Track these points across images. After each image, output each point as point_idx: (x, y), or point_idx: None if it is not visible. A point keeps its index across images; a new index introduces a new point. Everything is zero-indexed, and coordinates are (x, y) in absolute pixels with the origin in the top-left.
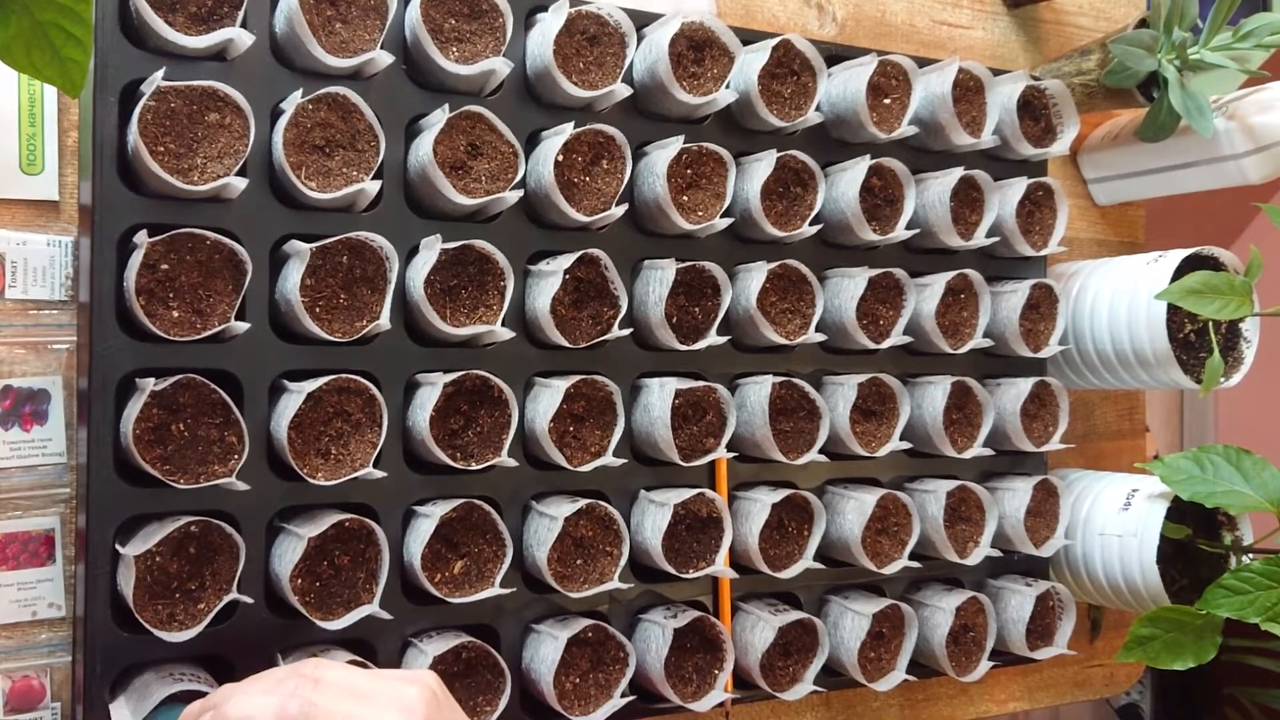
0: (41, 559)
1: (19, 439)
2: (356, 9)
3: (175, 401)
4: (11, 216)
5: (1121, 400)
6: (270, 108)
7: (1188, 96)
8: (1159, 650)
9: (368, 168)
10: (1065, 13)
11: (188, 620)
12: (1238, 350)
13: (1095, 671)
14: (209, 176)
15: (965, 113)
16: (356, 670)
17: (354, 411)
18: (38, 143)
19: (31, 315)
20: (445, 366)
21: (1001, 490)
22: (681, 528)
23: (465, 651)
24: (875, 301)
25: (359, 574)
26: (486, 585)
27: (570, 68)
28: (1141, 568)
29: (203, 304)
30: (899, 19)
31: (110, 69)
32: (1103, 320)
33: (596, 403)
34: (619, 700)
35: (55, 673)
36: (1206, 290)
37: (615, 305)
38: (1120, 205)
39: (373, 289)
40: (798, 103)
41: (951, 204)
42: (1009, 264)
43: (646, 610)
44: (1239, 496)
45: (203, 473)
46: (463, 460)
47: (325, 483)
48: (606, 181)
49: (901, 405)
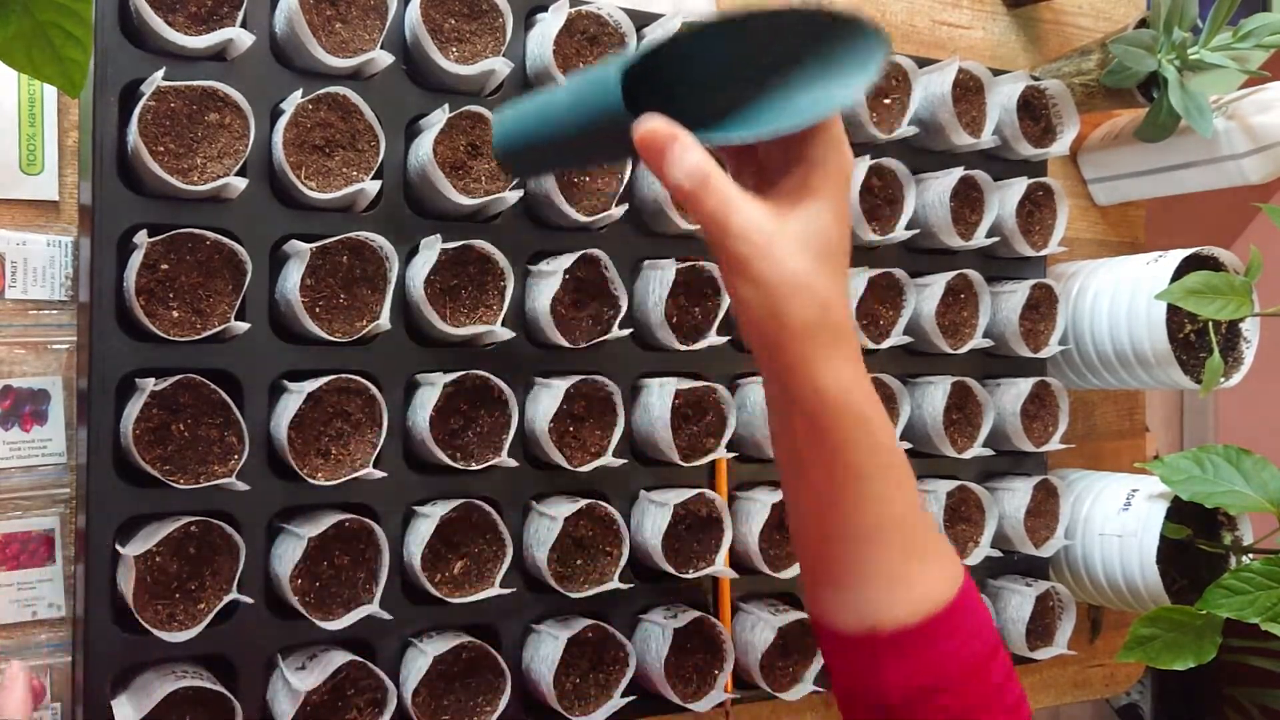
0: (41, 559)
1: (19, 439)
2: (356, 9)
3: (175, 401)
4: (11, 216)
5: (1121, 400)
6: (270, 108)
7: (1188, 96)
8: (1159, 650)
9: (368, 168)
10: (1065, 13)
11: (188, 620)
12: (1238, 350)
13: (1095, 671)
14: (209, 176)
15: (965, 113)
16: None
17: (354, 411)
18: (38, 143)
19: (31, 315)
20: (445, 366)
21: (1001, 490)
22: (681, 528)
23: (465, 651)
24: (875, 301)
25: (359, 574)
26: (486, 585)
27: (570, 68)
28: (1141, 568)
29: (203, 304)
30: (899, 19)
31: (110, 69)
32: (1103, 320)
33: (596, 403)
34: (619, 700)
35: (55, 673)
36: (1206, 290)
37: (615, 305)
38: (1120, 205)
39: (373, 289)
40: None
41: (951, 204)
42: (1009, 264)
43: (646, 610)
44: (1239, 496)
45: (203, 473)
46: (463, 460)
47: (325, 483)
48: (606, 182)
49: (901, 405)
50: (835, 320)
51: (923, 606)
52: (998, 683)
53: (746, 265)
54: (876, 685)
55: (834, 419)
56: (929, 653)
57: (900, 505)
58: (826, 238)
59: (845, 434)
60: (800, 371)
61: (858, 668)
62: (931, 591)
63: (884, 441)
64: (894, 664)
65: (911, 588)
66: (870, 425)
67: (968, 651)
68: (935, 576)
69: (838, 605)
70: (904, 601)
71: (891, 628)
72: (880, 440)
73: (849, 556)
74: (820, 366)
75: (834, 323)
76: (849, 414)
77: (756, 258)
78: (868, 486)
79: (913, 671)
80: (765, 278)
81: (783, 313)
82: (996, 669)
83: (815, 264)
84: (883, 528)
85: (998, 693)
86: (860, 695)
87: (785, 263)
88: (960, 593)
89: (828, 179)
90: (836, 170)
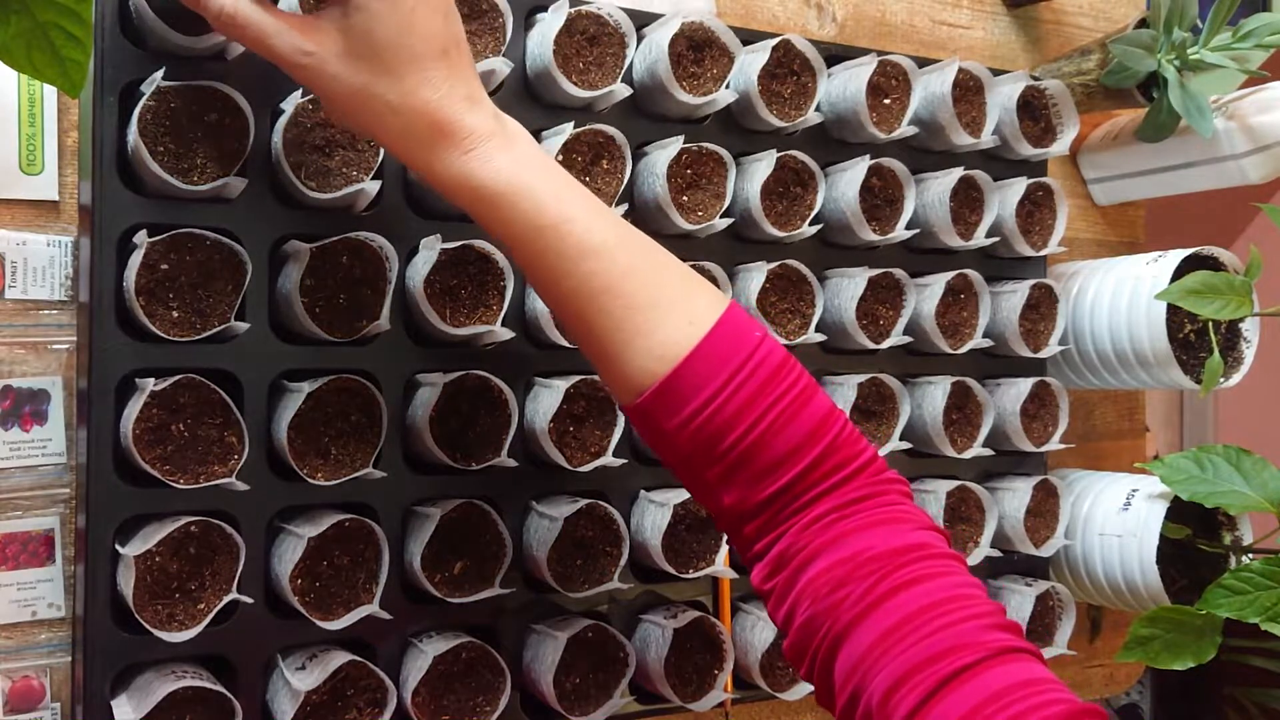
0: (41, 559)
1: (19, 439)
2: None
3: (175, 401)
4: (11, 216)
5: (1121, 400)
6: (270, 108)
7: (1188, 96)
8: (1159, 650)
9: (367, 168)
10: (1065, 13)
11: (187, 620)
12: (1238, 350)
13: (1095, 671)
14: (209, 176)
15: (965, 113)
16: None
17: (354, 411)
18: (37, 143)
19: (31, 315)
20: (445, 366)
21: (1001, 490)
22: (681, 528)
23: (465, 651)
24: (875, 301)
25: (359, 574)
26: (486, 585)
27: (570, 68)
28: (1141, 568)
29: (203, 304)
30: (899, 19)
31: (110, 69)
32: (1103, 320)
33: (596, 403)
34: (619, 700)
35: (55, 673)
36: (1206, 290)
37: None
38: (1120, 205)
39: (373, 289)
40: (798, 103)
41: (951, 204)
42: (1009, 264)
43: (646, 610)
44: (1239, 496)
45: (203, 473)
46: (463, 460)
47: (325, 483)
48: (606, 181)
49: (901, 405)
50: (436, 119)
51: (671, 352)
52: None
53: (315, 88)
54: (668, 445)
55: (485, 210)
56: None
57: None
58: (372, 40)
59: (505, 219)
60: (434, 179)
61: (651, 438)
62: (675, 335)
63: (557, 211)
64: (665, 418)
65: (651, 337)
66: (525, 202)
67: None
68: (677, 320)
69: (611, 384)
70: (647, 354)
71: (651, 384)
72: (548, 213)
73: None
74: (439, 169)
75: (435, 122)
76: (487, 202)
77: (313, 80)
78: (557, 263)
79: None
80: (331, 99)
81: (372, 128)
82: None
83: (373, 72)
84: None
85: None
86: (667, 459)
87: (340, 80)
88: (717, 323)
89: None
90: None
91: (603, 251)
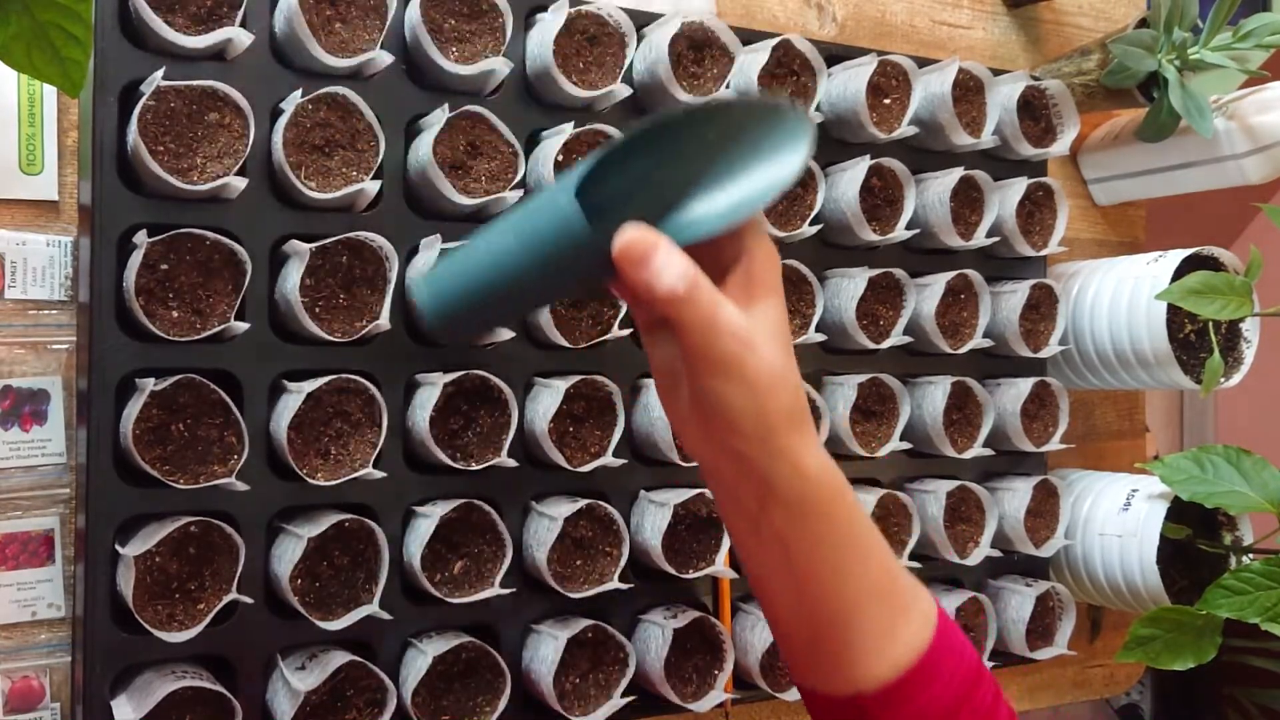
0: (41, 559)
1: (19, 439)
2: (356, 9)
3: (175, 401)
4: (11, 216)
5: (1121, 400)
6: (270, 108)
7: (1188, 96)
8: (1159, 650)
9: (367, 168)
10: (1065, 13)
11: (187, 620)
12: (1238, 350)
13: (1095, 671)
14: (209, 176)
15: (965, 113)
16: None
17: (354, 411)
18: (37, 143)
19: (31, 315)
20: (445, 366)
21: (1001, 490)
22: (681, 528)
23: (465, 651)
24: (875, 301)
25: (359, 574)
26: (486, 585)
27: (570, 68)
28: (1141, 568)
29: (202, 304)
30: (899, 19)
31: (110, 69)
32: (1103, 320)
33: (596, 403)
34: (619, 700)
35: (55, 673)
36: (1206, 290)
37: (615, 305)
38: (1120, 205)
39: (373, 289)
40: (797, 103)
41: (951, 204)
42: (1009, 264)
43: (646, 610)
44: (1239, 496)
45: (203, 473)
46: (463, 460)
47: (325, 483)
48: None
49: (901, 405)
50: (803, 405)
51: (904, 658)
52: (988, 705)
53: (738, 364)
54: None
55: (817, 500)
56: (915, 701)
57: (878, 565)
58: (785, 326)
59: (829, 511)
60: (785, 460)
61: None
62: (913, 640)
63: (857, 507)
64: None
65: (896, 643)
66: (846, 495)
67: (951, 688)
68: (916, 625)
69: (826, 675)
70: (888, 659)
71: (875, 687)
72: (856, 508)
73: (838, 632)
74: (802, 452)
75: (803, 407)
76: (829, 491)
77: (747, 354)
78: (851, 557)
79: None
80: (754, 374)
81: (769, 408)
82: (982, 694)
83: (786, 354)
84: (870, 593)
85: (989, 716)
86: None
87: (769, 358)
88: (936, 633)
89: (769, 267)
90: (769, 255)
91: (879, 538)
